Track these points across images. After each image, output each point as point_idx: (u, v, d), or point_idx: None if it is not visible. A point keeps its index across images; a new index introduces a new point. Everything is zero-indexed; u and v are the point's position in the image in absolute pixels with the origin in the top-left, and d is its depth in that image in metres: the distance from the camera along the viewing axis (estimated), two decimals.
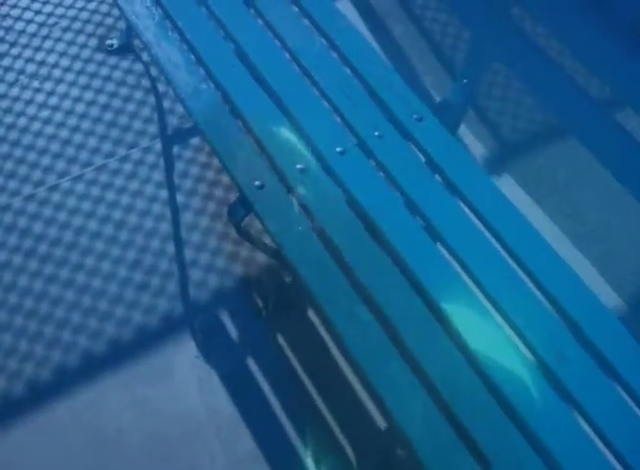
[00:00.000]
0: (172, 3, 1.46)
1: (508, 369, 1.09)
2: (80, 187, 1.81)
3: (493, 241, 1.21)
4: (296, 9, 1.46)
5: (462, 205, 1.20)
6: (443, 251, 1.19)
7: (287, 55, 1.37)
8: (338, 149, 1.25)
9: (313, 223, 1.16)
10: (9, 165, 1.84)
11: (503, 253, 1.20)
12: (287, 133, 1.26)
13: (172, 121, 1.93)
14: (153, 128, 1.91)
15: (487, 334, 1.11)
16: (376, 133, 1.27)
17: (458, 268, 1.17)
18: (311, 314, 1.61)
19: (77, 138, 1.89)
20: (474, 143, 1.90)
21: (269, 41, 1.40)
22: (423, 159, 1.26)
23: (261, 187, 1.18)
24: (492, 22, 1.47)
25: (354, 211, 1.18)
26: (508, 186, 1.79)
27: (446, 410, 1.04)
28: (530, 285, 1.18)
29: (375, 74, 1.35)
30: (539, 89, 1.50)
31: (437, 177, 1.25)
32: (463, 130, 1.91)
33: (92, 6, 2.17)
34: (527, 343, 1.10)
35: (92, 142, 1.88)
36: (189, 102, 1.29)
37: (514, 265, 1.19)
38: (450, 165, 1.25)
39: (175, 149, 1.88)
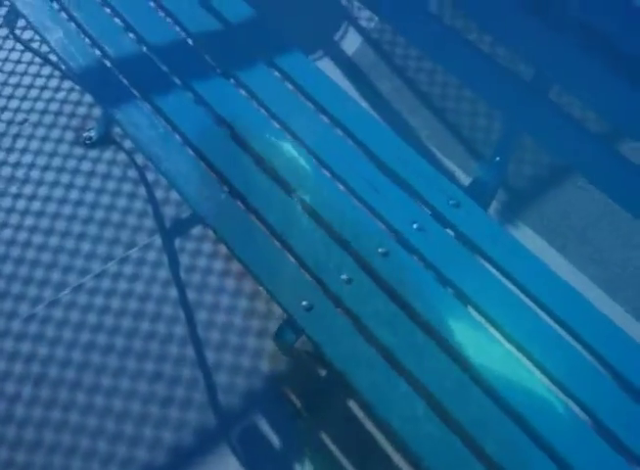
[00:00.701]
0: (161, 98, 1.36)
1: (561, 430, 1.04)
2: (82, 298, 1.69)
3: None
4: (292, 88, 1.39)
5: (528, 301, 1.14)
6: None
7: (304, 150, 1.29)
8: (380, 250, 1.17)
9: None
10: (0, 285, 1.71)
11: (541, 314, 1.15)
12: (321, 239, 1.17)
13: (169, 212, 1.82)
14: (149, 222, 1.81)
15: (528, 387, 1.05)
16: (414, 226, 1.20)
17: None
18: (352, 406, 1.52)
19: (69, 244, 1.77)
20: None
21: (271, 127, 1.32)
22: (467, 247, 1.20)
23: (310, 308, 1.09)
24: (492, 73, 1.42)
25: (412, 318, 1.11)
26: (525, 237, 1.74)
27: None
28: (574, 343, 1.13)
29: (396, 158, 1.28)
30: (538, 130, 1.45)
31: (487, 265, 1.18)
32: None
33: (61, 96, 2.05)
34: (577, 399, 1.06)
35: (86, 246, 1.77)
36: (212, 220, 1.19)
37: (554, 325, 1.14)
38: (497, 251, 1.18)
39: (177, 242, 1.77)
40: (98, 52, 1.44)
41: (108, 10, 1.52)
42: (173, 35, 1.47)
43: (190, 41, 1.49)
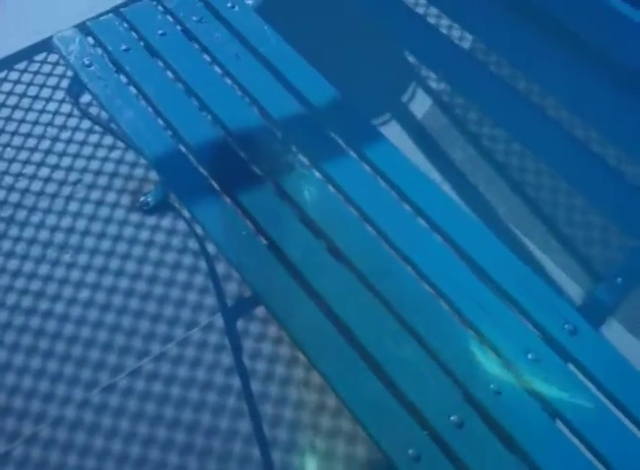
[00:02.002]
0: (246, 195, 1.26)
1: None
2: (140, 385, 1.58)
3: None
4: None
5: None
6: None
7: (403, 261, 1.18)
8: (492, 386, 1.05)
9: None
10: (52, 366, 1.61)
11: None
12: (431, 373, 1.06)
13: (231, 289, 1.72)
14: (210, 300, 1.70)
15: None
16: (529, 356, 1.08)
17: None
18: None
19: (126, 322, 1.67)
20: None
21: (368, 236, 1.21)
22: (583, 379, 1.08)
23: (418, 459, 0.98)
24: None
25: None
26: (623, 346, 1.62)
27: None
28: None
29: (504, 271, 1.17)
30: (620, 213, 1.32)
31: (608, 403, 1.07)
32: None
33: (116, 155, 1.96)
34: None
35: (144, 325, 1.66)
36: (309, 349, 1.08)
37: None
38: (622, 389, 1.06)
39: (240, 323, 1.66)
40: (172, 136, 1.33)
41: (181, 85, 1.42)
42: (254, 119, 1.36)
43: (271, 125, 1.38)
